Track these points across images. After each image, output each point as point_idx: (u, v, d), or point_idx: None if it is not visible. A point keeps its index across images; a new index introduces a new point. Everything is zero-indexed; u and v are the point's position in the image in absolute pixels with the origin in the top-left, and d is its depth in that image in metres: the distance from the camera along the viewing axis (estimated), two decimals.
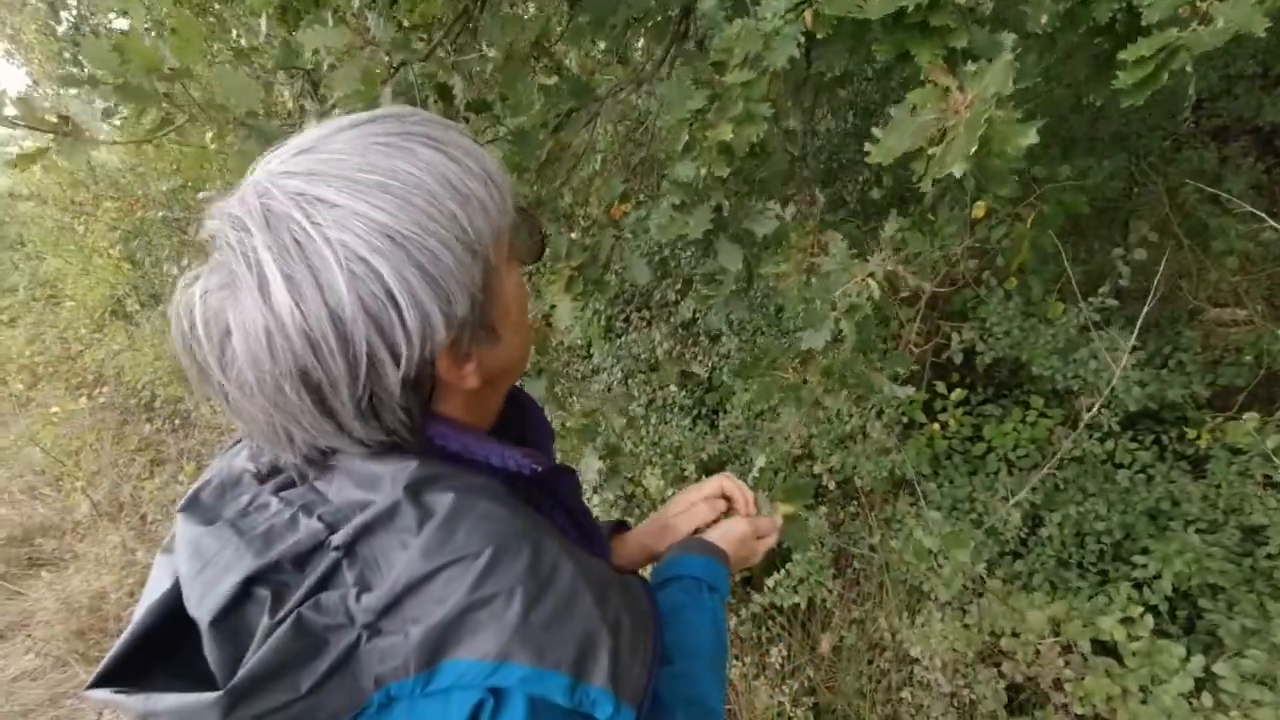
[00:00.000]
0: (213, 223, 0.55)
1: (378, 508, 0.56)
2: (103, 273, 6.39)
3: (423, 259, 0.53)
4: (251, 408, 0.55)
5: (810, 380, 1.46)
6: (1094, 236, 3.24)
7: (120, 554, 4.05)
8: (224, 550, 0.57)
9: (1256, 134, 3.53)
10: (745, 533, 0.95)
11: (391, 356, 0.54)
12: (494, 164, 0.61)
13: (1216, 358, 2.77)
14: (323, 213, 0.52)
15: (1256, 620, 1.83)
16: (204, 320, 0.54)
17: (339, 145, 0.55)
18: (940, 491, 2.50)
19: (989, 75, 0.83)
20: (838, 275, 1.36)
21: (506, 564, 0.55)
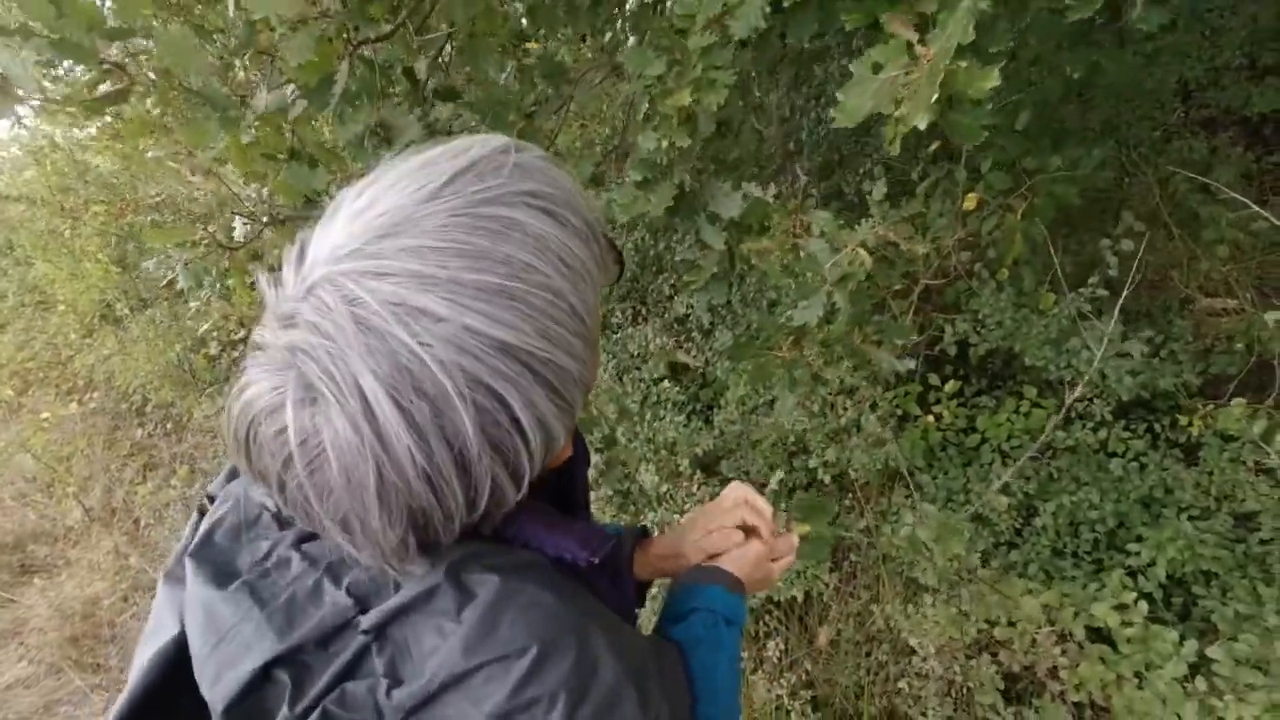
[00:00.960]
0: (279, 332, 0.46)
1: (416, 588, 0.51)
2: (92, 277, 6.34)
3: (549, 374, 0.48)
4: (338, 538, 0.48)
5: (807, 355, 1.43)
6: (1085, 227, 3.25)
7: (113, 559, 4.03)
8: (243, 625, 0.51)
9: (1245, 124, 3.55)
10: (761, 555, 0.90)
11: (514, 480, 0.50)
12: (584, 198, 0.54)
13: (1208, 346, 2.79)
14: (431, 330, 0.44)
15: (1250, 605, 1.84)
16: (298, 440, 0.45)
17: (431, 224, 0.46)
18: (935, 483, 2.50)
19: (950, 24, 0.81)
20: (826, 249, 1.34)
21: (552, 663, 0.50)
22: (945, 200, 2.75)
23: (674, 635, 0.81)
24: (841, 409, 2.56)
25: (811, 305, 1.37)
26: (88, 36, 0.92)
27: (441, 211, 0.46)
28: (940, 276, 2.83)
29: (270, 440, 0.46)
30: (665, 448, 2.75)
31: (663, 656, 0.65)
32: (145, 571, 3.90)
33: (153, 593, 0.62)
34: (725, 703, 0.76)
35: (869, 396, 2.59)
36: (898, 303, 2.88)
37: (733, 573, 0.87)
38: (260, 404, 0.46)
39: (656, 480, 2.57)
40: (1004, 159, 2.67)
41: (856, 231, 1.37)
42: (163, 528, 4.31)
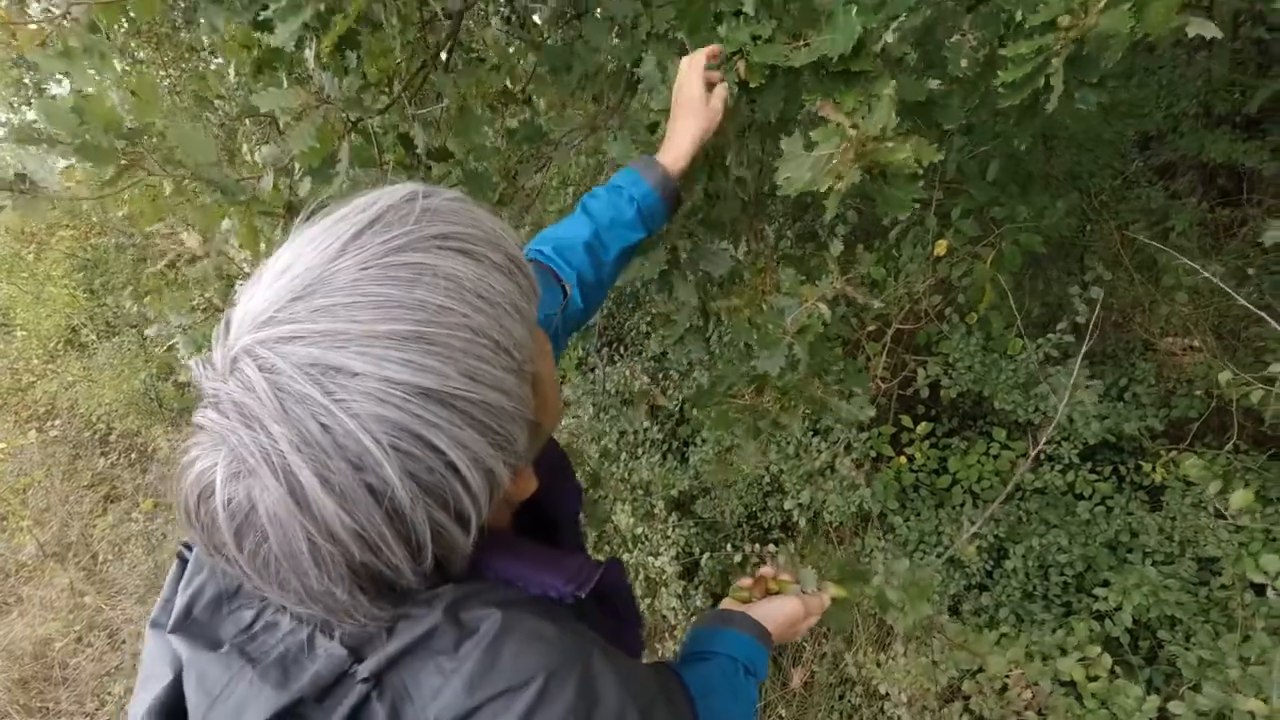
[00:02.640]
0: (211, 413, 0.46)
1: (413, 631, 0.50)
2: (57, 301, 6.21)
3: (478, 414, 0.47)
4: (283, 600, 0.48)
5: (766, 403, 1.47)
6: (1052, 270, 3.34)
7: (68, 597, 3.89)
8: (235, 684, 0.50)
9: (1202, 169, 3.69)
10: (796, 616, 0.90)
11: (459, 523, 0.49)
12: (505, 232, 0.54)
13: (1170, 388, 2.86)
14: (347, 386, 0.43)
15: (1212, 652, 1.87)
16: (226, 510, 0.45)
17: (342, 281, 0.45)
18: (907, 526, 2.52)
19: (877, 112, 0.90)
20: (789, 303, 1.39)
21: (556, 694, 0.50)
22: (916, 246, 2.82)
23: (691, 675, 0.79)
24: (816, 451, 2.58)
25: (774, 356, 1.41)
26: (107, 138, 0.97)
27: (351, 267, 0.46)
28: (912, 319, 2.88)
29: (211, 517, 0.46)
30: (641, 487, 2.75)
31: (666, 683, 0.65)
32: (101, 610, 3.76)
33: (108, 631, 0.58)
34: None
35: (843, 438, 2.61)
36: (871, 345, 2.93)
37: (763, 624, 0.87)
38: (201, 482, 0.46)
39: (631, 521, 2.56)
40: (973, 205, 2.75)
41: (817, 286, 1.42)
42: (122, 564, 4.18)
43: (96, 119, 0.95)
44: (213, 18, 1.19)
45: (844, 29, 0.94)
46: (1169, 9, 0.84)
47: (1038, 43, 0.88)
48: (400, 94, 1.24)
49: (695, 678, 0.79)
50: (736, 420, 1.54)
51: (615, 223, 1.01)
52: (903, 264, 2.81)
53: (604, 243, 1.01)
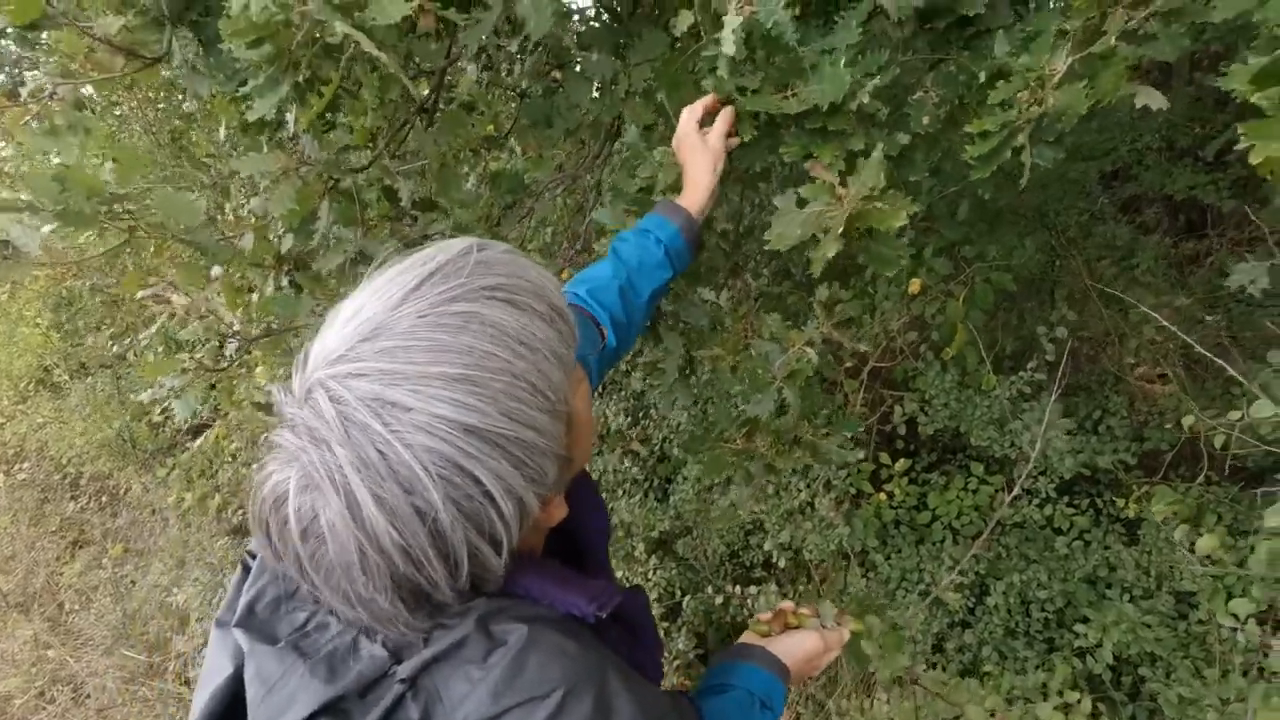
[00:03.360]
0: (288, 434, 0.53)
1: (447, 639, 0.55)
2: (29, 341, 6.10)
3: (514, 449, 0.53)
4: (336, 603, 0.55)
5: (758, 447, 1.48)
6: (1024, 306, 3.40)
7: (30, 650, 3.76)
8: (289, 676, 0.55)
9: (1167, 201, 3.79)
10: (815, 651, 0.92)
11: (493, 546, 0.54)
12: (550, 284, 0.60)
13: (1143, 420, 2.91)
14: (401, 419, 0.50)
15: (1192, 689, 1.88)
16: (297, 519, 0.52)
17: (402, 327, 0.53)
18: (889, 564, 2.52)
19: (865, 172, 0.94)
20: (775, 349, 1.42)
21: (573, 706, 0.54)
22: (891, 284, 2.86)
23: (707, 706, 0.83)
24: (796, 490, 2.58)
25: (763, 400, 1.44)
26: (89, 204, 1.00)
27: (409, 315, 0.53)
28: (889, 356, 2.92)
29: (281, 523, 0.53)
30: (621, 529, 2.72)
31: (680, 708, 0.68)
32: (65, 664, 3.63)
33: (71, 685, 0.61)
34: None
35: (823, 475, 2.62)
36: (849, 382, 2.95)
37: (781, 659, 0.89)
38: (276, 492, 0.53)
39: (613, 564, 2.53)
40: (944, 244, 2.81)
41: (803, 331, 1.44)
42: (88, 613, 4.05)
43: (78, 187, 0.97)
44: (198, 87, 1.21)
45: (832, 79, 0.98)
46: (1118, 78, 0.88)
47: (1001, 118, 0.91)
48: (383, 150, 1.26)
49: (711, 710, 0.82)
50: (729, 465, 1.56)
51: (644, 264, 1.06)
52: (879, 301, 2.85)
53: (634, 285, 1.06)
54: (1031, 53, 0.93)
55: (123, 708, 3.40)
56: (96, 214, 0.99)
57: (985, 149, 0.96)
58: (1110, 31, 0.85)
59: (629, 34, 1.39)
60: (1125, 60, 0.88)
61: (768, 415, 1.45)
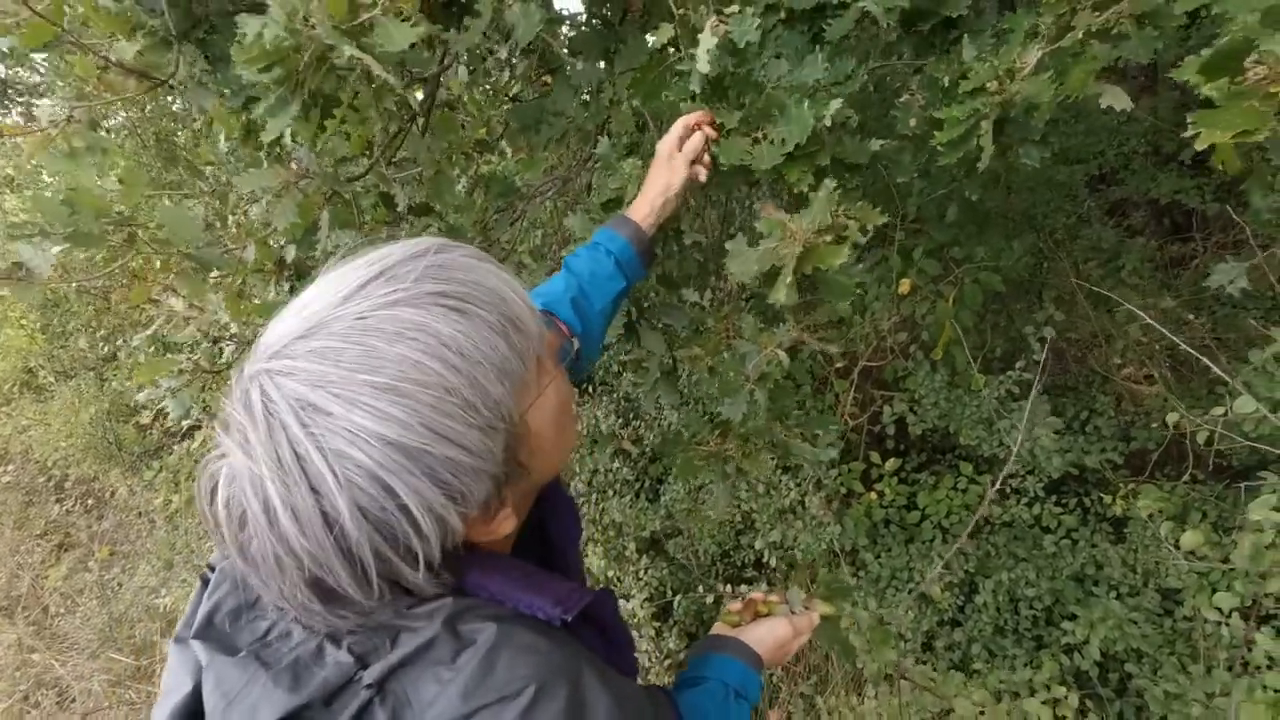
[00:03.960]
0: (223, 428, 0.54)
1: (414, 641, 0.54)
2: (14, 343, 6.04)
3: (436, 466, 0.52)
4: (268, 595, 0.55)
5: (730, 450, 1.51)
6: (1012, 307, 3.43)
7: (15, 655, 3.71)
8: (250, 686, 0.54)
9: (1153, 205, 3.83)
10: (786, 637, 0.93)
11: (406, 559, 0.53)
12: (510, 291, 0.58)
13: (1130, 420, 2.94)
14: (320, 423, 0.50)
15: (1178, 685, 1.90)
16: (225, 507, 0.53)
17: (340, 328, 0.52)
18: (879, 562, 2.53)
19: (812, 209, 0.98)
20: (750, 351, 1.45)
21: (546, 703, 0.53)
22: (881, 284, 2.88)
23: (683, 700, 0.83)
24: (786, 488, 2.59)
25: (736, 403, 1.46)
26: (97, 224, 1.02)
27: (349, 315, 0.52)
28: (879, 356, 2.93)
29: (216, 514, 0.54)
30: (613, 528, 2.73)
31: (657, 703, 0.67)
32: (50, 668, 3.59)
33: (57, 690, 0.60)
34: None
35: (813, 475, 2.63)
36: (839, 382, 2.97)
37: (753, 648, 0.90)
38: (210, 484, 0.54)
39: (604, 564, 2.54)
40: (933, 245, 2.83)
41: (775, 334, 1.48)
42: (74, 617, 4.00)
43: (86, 208, 0.99)
44: (200, 100, 1.21)
45: (798, 121, 1.01)
46: (1087, 75, 0.90)
47: (969, 106, 0.93)
48: (379, 158, 1.27)
49: (687, 703, 0.82)
50: (701, 467, 1.59)
51: (596, 275, 1.07)
52: (869, 301, 2.86)
53: (587, 295, 1.06)
54: (1003, 50, 0.95)
55: (109, 711, 3.37)
56: (104, 234, 1.01)
57: (952, 134, 0.98)
58: (1079, 27, 0.87)
59: (618, 40, 1.40)
60: (1096, 59, 0.90)
61: (740, 417, 1.48)
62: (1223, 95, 0.75)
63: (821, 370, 3.05)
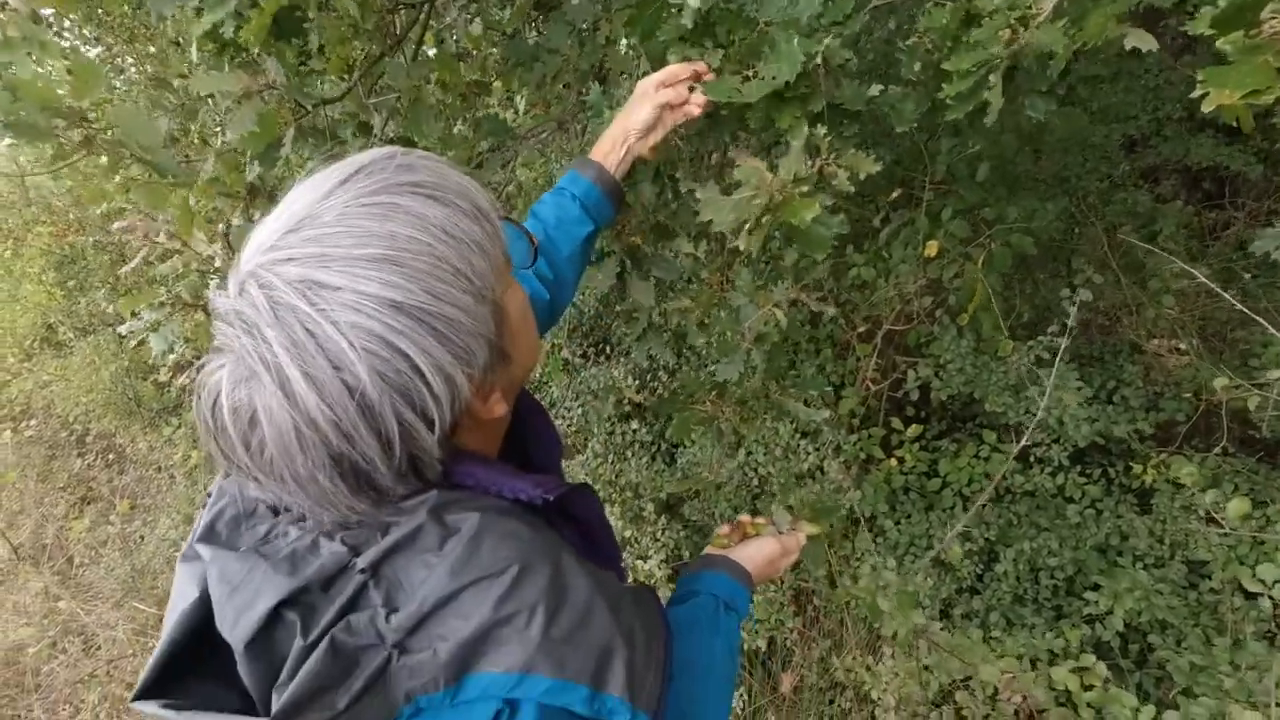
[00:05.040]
0: (222, 326, 0.55)
1: (402, 530, 0.57)
2: (33, 299, 6.08)
3: (439, 325, 0.55)
4: (283, 493, 0.57)
5: (725, 411, 1.49)
6: (1040, 273, 3.34)
7: (41, 602, 3.79)
8: (252, 574, 0.57)
9: (1185, 173, 3.71)
10: (774, 554, 0.97)
11: (425, 422, 0.56)
12: (475, 188, 0.62)
13: (1158, 391, 2.86)
14: (328, 298, 0.52)
15: (1203, 656, 1.86)
16: (232, 411, 0.54)
17: (329, 217, 0.55)
18: (898, 529, 2.50)
19: (788, 159, 0.94)
20: (746, 308, 1.42)
21: (529, 581, 0.57)
22: (907, 247, 2.80)
23: (675, 615, 0.86)
24: (804, 453, 2.55)
25: (732, 362, 1.44)
26: (43, 116, 0.98)
27: (336, 206, 0.55)
28: (903, 320, 2.87)
29: (221, 418, 0.55)
30: (630, 489, 2.71)
31: (638, 592, 0.69)
32: (76, 616, 3.67)
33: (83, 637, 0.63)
34: (716, 685, 0.81)
35: (832, 440, 2.59)
36: (862, 346, 2.91)
37: (742, 565, 0.94)
38: (214, 389, 0.55)
39: (621, 524, 2.53)
40: (963, 207, 2.74)
41: (773, 292, 1.44)
42: (98, 568, 4.08)
43: (31, 98, 0.94)
44: (160, 7, 1.16)
45: (788, 57, 0.96)
46: (1105, 20, 0.84)
47: (978, 56, 0.87)
48: (356, 82, 1.21)
49: (679, 615, 0.87)
50: (697, 428, 1.59)
51: (562, 220, 1.08)
52: (893, 265, 2.79)
53: (554, 241, 1.06)
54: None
55: (133, 659, 3.45)
56: (50, 128, 0.96)
57: (961, 87, 0.93)
58: None
59: None
60: (1117, 2, 0.83)
61: (736, 378, 1.45)
62: (1236, 50, 0.69)
63: (843, 334, 2.99)
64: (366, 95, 1.27)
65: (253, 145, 1.21)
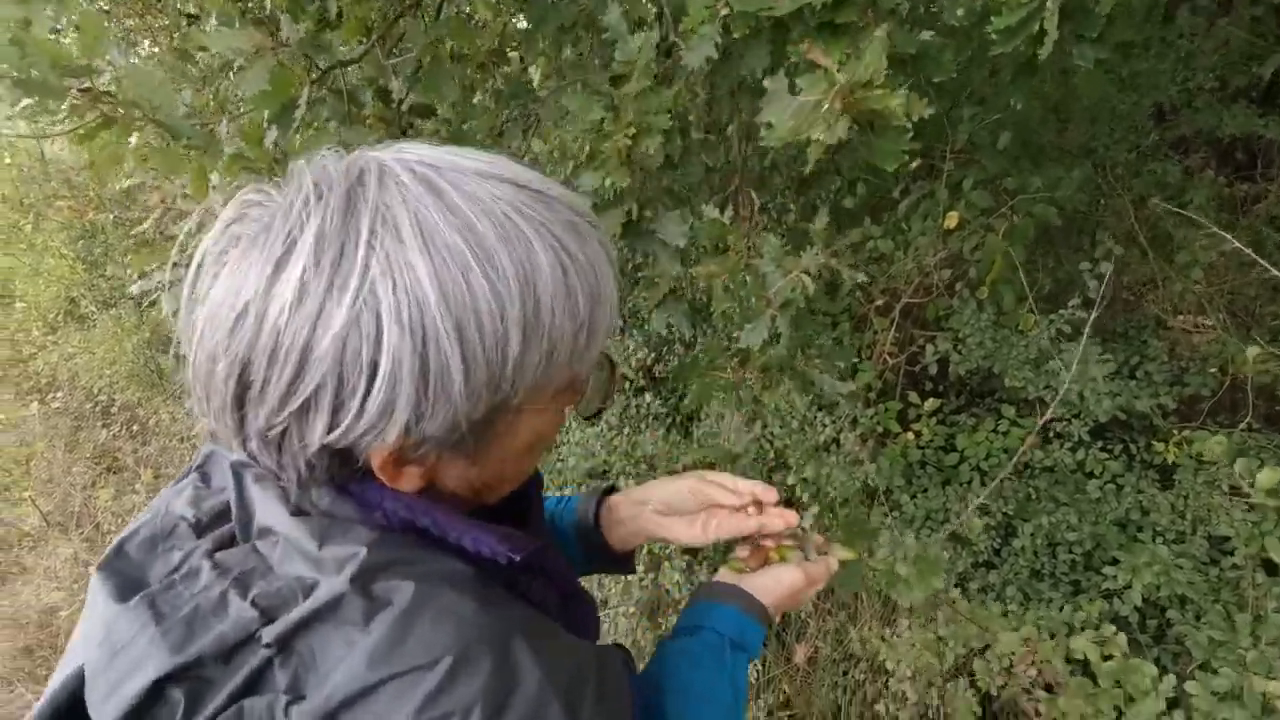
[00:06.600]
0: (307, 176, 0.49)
1: (319, 599, 0.48)
2: (55, 273, 6.16)
3: (430, 357, 0.46)
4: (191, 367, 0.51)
5: (749, 379, 1.46)
6: (1063, 247, 3.28)
7: (71, 567, 3.89)
8: (138, 639, 0.48)
9: (1216, 145, 3.61)
10: (797, 585, 0.82)
11: (330, 413, 0.47)
12: (609, 302, 0.54)
13: (1183, 366, 2.82)
14: (388, 245, 0.46)
15: (1224, 632, 1.85)
16: (199, 259, 0.50)
17: (469, 188, 0.49)
18: (914, 503, 2.49)
19: (866, 55, 0.86)
20: (772, 274, 1.37)
21: (466, 675, 0.47)
22: (927, 218, 2.75)
23: (676, 649, 0.78)
24: (820, 425, 2.54)
25: (756, 328, 1.40)
26: (53, 73, 0.95)
27: (487, 188, 0.49)
28: (921, 293, 2.83)
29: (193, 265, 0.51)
30: (645, 462, 2.72)
31: (605, 669, 0.59)
32: None
33: None
34: None
35: (848, 413, 2.58)
36: (879, 319, 2.88)
37: (757, 597, 0.81)
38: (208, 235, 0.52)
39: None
40: (985, 177, 2.68)
41: (801, 258, 1.39)
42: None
43: (40, 54, 0.91)
44: None
45: None
46: None
47: None
48: (374, 44, 1.19)
49: (680, 653, 0.77)
50: (719, 395, 1.55)
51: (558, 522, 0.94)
52: (912, 237, 2.74)
53: None
54: None
55: None
56: (61, 86, 0.94)
57: (1011, 19, 0.88)
58: None
59: None
60: None
61: (760, 344, 1.41)
62: None
63: (860, 308, 2.96)
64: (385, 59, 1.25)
65: (265, 105, 1.17)
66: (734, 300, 1.47)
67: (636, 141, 1.17)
